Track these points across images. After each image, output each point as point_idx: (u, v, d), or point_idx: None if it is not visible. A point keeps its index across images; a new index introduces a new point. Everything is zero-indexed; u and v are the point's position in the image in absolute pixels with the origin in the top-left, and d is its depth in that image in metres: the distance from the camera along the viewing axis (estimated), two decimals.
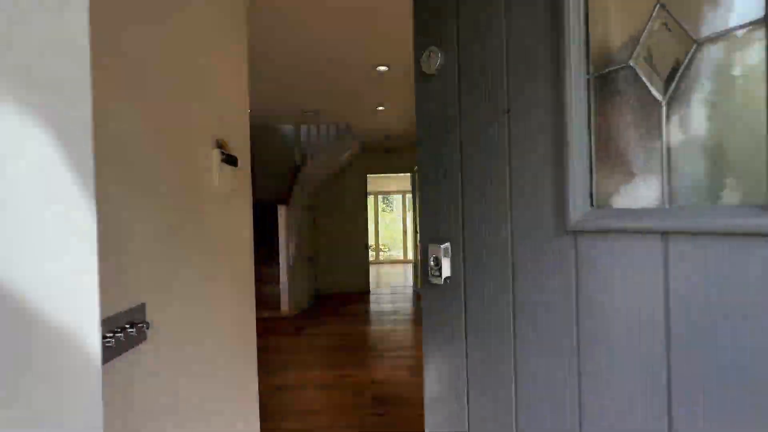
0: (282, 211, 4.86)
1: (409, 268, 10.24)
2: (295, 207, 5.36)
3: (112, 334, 0.76)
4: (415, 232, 7.09)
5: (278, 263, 4.93)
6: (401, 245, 11.57)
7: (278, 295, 4.93)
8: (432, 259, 0.92)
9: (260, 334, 4.59)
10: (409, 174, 7.31)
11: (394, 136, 5.89)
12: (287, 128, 6.55)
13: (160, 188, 0.96)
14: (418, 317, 5.21)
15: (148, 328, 0.87)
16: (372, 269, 7.27)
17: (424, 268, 0.97)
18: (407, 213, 11.49)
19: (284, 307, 4.91)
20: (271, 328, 4.65)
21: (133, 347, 0.85)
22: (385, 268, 10.52)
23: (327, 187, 6.97)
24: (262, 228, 6.20)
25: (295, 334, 4.52)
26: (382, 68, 3.13)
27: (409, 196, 11.38)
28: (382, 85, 3.55)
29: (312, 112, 4.38)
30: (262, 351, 4.21)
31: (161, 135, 0.98)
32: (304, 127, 6.02)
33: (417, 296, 6.58)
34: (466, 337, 0.89)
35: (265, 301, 4.93)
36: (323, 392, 3.03)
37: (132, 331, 0.82)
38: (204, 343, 1.18)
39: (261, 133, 6.71)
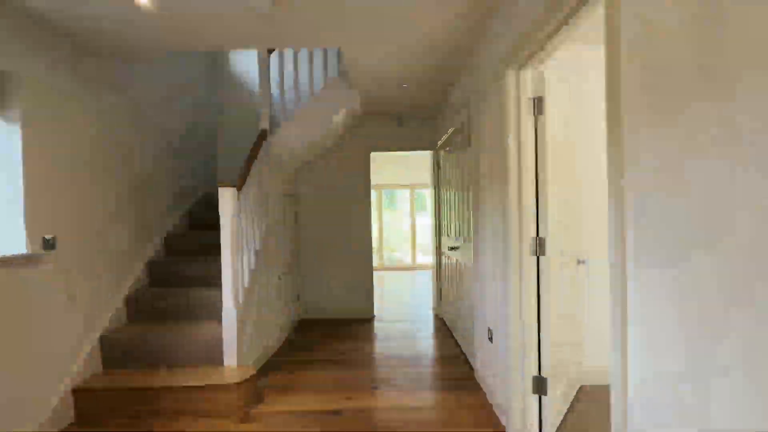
0: (226, 198, 2.82)
1: (418, 275, 8.38)
2: (254, 193, 3.34)
3: None
4: (437, 233, 5.08)
5: (220, 286, 2.88)
6: (409, 248, 9.77)
7: (218, 345, 2.86)
8: None
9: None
10: (429, 152, 5.25)
11: (415, 84, 3.85)
12: (251, 74, 4.49)
13: None
14: (451, 372, 3.21)
15: None
16: (374, 274, 5.23)
17: None
18: (415, 211, 9.65)
19: (229, 362, 2.85)
20: (198, 410, 2.56)
21: None
22: (391, 276, 8.53)
23: (314, 169, 4.94)
24: (207, 229, 4.12)
25: (241, 418, 2.50)
26: None
27: (418, 191, 9.45)
28: None
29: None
30: None
31: None
32: (274, 77, 3.99)
33: (442, 323, 4.57)
34: None
35: (194, 355, 2.86)
36: None
37: None
38: None
39: (208, 77, 4.64)
